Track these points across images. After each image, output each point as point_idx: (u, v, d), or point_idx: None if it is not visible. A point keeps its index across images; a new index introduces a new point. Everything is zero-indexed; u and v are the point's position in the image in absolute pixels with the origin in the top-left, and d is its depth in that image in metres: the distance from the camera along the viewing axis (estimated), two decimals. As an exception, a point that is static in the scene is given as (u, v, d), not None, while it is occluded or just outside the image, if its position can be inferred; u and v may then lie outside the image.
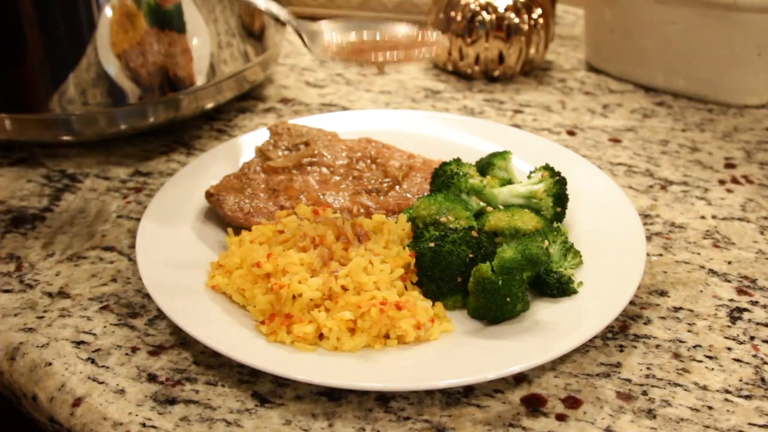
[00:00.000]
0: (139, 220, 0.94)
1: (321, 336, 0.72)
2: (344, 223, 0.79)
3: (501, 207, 0.86)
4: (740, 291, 0.82)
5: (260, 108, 1.25)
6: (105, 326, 0.77)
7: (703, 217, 0.95)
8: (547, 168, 0.89)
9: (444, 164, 0.90)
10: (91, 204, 0.98)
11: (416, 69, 1.40)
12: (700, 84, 1.23)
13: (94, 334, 0.76)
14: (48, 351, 0.74)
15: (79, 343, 0.75)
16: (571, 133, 1.16)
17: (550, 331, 0.72)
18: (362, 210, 0.88)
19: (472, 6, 1.29)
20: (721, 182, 1.03)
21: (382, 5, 1.60)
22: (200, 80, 1.09)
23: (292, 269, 0.74)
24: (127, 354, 0.74)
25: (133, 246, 0.90)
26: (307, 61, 1.45)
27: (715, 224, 0.94)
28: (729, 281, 0.84)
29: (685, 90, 1.25)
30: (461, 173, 0.87)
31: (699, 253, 0.88)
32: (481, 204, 0.86)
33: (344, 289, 0.73)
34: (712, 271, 0.85)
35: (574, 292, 0.76)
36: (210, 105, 1.14)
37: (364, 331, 0.71)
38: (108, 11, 0.97)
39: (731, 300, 0.81)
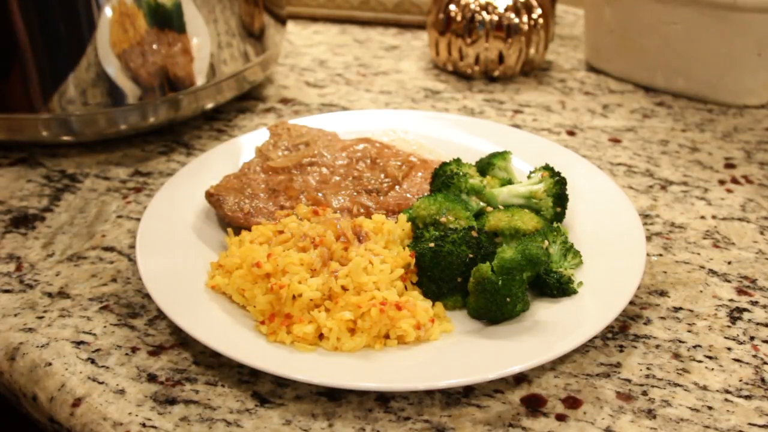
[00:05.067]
0: (139, 220, 0.95)
1: (321, 336, 0.72)
2: (344, 224, 0.79)
3: (501, 207, 0.85)
4: (740, 291, 0.82)
5: (260, 108, 1.25)
6: (105, 326, 0.77)
7: (703, 217, 0.95)
8: (547, 168, 0.88)
9: (444, 164, 0.90)
10: (91, 204, 0.98)
11: (416, 69, 1.40)
12: (699, 84, 1.23)
13: (94, 334, 0.76)
14: (48, 351, 0.74)
15: (79, 343, 0.75)
16: (571, 133, 1.16)
17: (550, 331, 0.71)
18: (362, 210, 0.88)
19: (472, 6, 1.29)
20: (721, 182, 1.03)
21: (382, 5, 1.60)
22: (200, 80, 1.09)
23: (292, 269, 0.74)
24: (127, 354, 0.74)
25: (133, 246, 0.90)
26: (307, 61, 1.45)
27: (715, 224, 0.93)
28: (729, 281, 0.84)
29: (685, 90, 1.25)
30: (461, 173, 0.87)
31: (699, 253, 0.88)
32: (481, 204, 0.86)
33: (344, 289, 0.73)
34: (712, 271, 0.85)
35: (574, 292, 0.76)
36: (210, 105, 1.14)
37: (364, 332, 0.70)
38: (108, 11, 0.97)
39: (731, 300, 0.81)
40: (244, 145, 1.04)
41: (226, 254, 0.80)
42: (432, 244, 0.76)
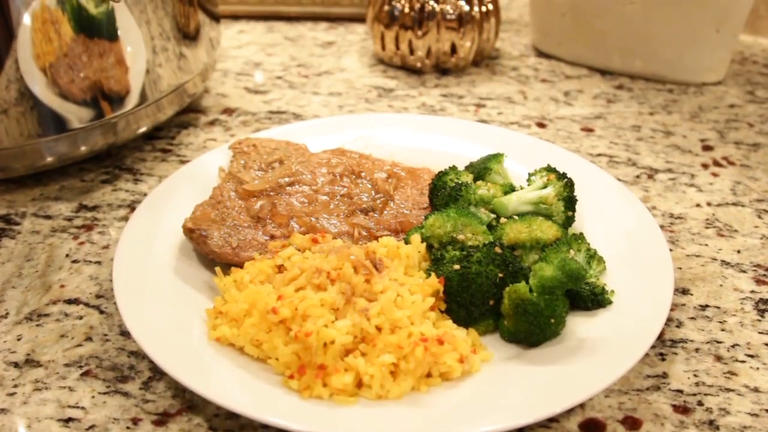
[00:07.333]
0: (98, 263, 0.83)
1: (358, 384, 0.64)
2: (358, 251, 0.71)
3: (515, 217, 0.79)
4: (758, 281, 0.80)
5: (203, 121, 1.14)
6: (93, 396, 0.67)
7: (698, 206, 0.93)
8: (550, 170, 0.83)
9: (441, 175, 0.83)
10: (38, 249, 0.86)
11: (360, 66, 1.33)
12: (658, 64, 1.22)
13: (83, 408, 0.66)
14: (32, 436, 0.63)
15: (67, 421, 0.64)
16: (541, 125, 1.12)
17: (600, 349, 0.66)
18: (364, 233, 0.80)
19: (419, -4, 1.22)
20: (705, 166, 1.01)
21: (310, -2, 1.51)
22: (139, 99, 0.97)
23: (313, 312, 0.65)
24: (128, 428, 0.64)
25: (100, 295, 0.79)
26: (240, 64, 1.34)
27: (713, 212, 0.92)
28: (744, 271, 0.82)
29: (643, 71, 1.24)
30: (467, 184, 0.80)
31: (707, 245, 0.86)
32: (491, 215, 0.80)
33: (377, 328, 0.65)
34: (725, 263, 0.83)
35: (609, 302, 0.72)
36: (150, 125, 1.01)
37: (408, 374, 0.63)
38: (27, 18, 0.84)
39: (753, 292, 0.79)
40: (205, 166, 0.93)
41: (223, 299, 0.71)
42: (457, 266, 0.70)
